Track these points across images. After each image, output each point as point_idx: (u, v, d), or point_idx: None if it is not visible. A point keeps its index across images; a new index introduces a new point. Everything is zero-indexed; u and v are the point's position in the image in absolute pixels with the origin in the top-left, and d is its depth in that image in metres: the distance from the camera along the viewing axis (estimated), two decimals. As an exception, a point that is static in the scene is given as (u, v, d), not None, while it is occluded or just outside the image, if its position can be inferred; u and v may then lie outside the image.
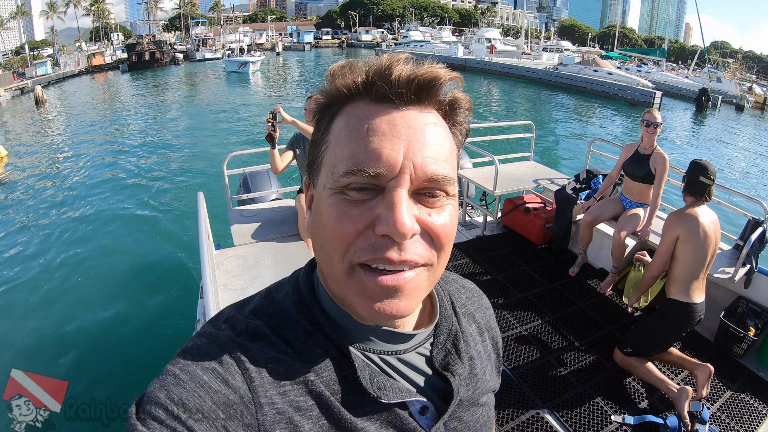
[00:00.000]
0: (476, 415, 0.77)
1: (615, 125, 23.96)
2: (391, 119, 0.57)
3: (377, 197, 0.57)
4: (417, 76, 0.58)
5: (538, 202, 5.60)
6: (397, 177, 0.56)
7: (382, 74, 0.58)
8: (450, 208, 0.61)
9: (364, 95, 0.60)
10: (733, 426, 3.00)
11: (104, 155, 15.12)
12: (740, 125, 29.32)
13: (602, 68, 35.31)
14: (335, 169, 0.58)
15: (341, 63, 0.63)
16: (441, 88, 0.61)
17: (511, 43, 59.18)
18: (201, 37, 64.53)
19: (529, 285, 4.51)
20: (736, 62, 57.98)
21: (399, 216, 0.54)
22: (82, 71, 45.98)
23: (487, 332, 0.89)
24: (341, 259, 0.58)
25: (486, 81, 39.71)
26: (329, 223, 0.58)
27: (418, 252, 0.58)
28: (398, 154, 0.56)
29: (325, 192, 0.59)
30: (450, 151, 0.62)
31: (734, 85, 38.37)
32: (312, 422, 0.60)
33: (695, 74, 47.38)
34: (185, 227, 8.92)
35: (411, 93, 0.58)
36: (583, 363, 3.49)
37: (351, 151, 0.57)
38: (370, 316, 0.59)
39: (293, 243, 4.02)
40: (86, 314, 6.14)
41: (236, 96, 28.18)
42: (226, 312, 0.70)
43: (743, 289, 3.92)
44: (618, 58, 51.38)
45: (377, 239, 0.56)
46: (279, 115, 3.77)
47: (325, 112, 0.64)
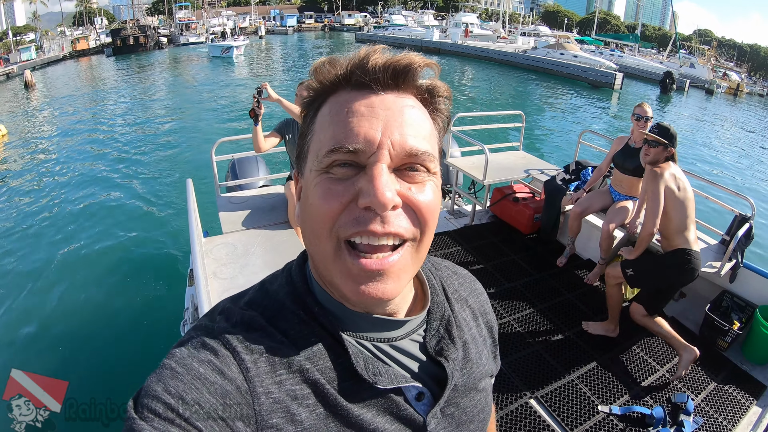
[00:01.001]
0: (474, 400, 0.78)
1: (575, 105, 25.56)
2: (369, 102, 0.61)
3: (359, 173, 0.59)
4: (392, 62, 0.61)
5: (527, 192, 5.62)
6: (375, 152, 0.58)
7: (360, 64, 0.62)
8: (431, 185, 0.64)
9: (344, 85, 0.64)
10: (716, 417, 3.05)
11: (91, 142, 14.94)
12: (706, 106, 32.69)
13: (568, 51, 37.64)
14: (319, 152, 0.61)
15: (323, 59, 0.66)
16: (417, 74, 0.63)
17: (489, 27, 60.34)
18: (184, 21, 63.36)
19: (517, 274, 4.53)
20: (711, 49, 60.98)
21: (379, 186, 0.56)
22: (66, 56, 45.39)
23: (481, 317, 0.90)
24: (328, 235, 0.60)
25: (460, 64, 40.94)
26: (315, 202, 0.60)
27: (401, 225, 0.60)
28: (376, 132, 0.59)
29: (312, 175, 0.62)
30: (430, 132, 0.65)
31: (707, 71, 41.31)
32: (309, 410, 0.60)
33: (669, 60, 49.31)
34: (172, 215, 8.85)
35: (388, 78, 0.62)
36: (571, 353, 3.51)
37: (333, 133, 0.60)
38: (358, 299, 0.61)
39: (283, 231, 3.99)
40: (79, 308, 6.08)
41: (221, 81, 27.84)
42: (222, 305, 0.71)
43: (728, 284, 3.97)
44: (592, 42, 53.10)
45: (360, 212, 0.58)
46: (265, 91, 3.73)
47: (310, 105, 0.67)
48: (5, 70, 33.55)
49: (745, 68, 63.77)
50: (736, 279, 3.94)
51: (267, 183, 5.22)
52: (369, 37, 57.35)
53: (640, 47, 55.82)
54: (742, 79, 47.52)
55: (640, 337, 3.75)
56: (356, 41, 55.82)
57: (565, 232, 4.96)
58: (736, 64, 66.62)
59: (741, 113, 32.05)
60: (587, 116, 22.53)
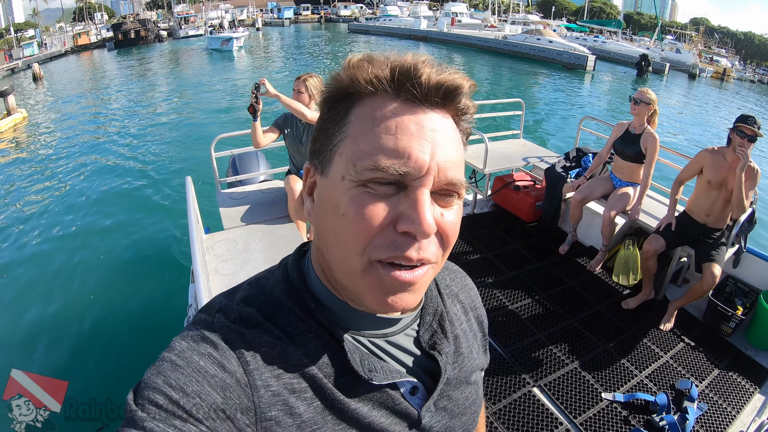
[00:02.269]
0: (466, 393, 0.81)
1: (553, 85, 27.47)
2: (419, 120, 0.59)
3: (400, 194, 0.58)
4: (445, 82, 0.60)
5: (528, 180, 5.60)
6: (422, 177, 0.57)
7: (410, 75, 0.59)
8: (457, 207, 0.64)
9: (390, 92, 0.60)
10: (720, 403, 3.05)
11: (92, 134, 14.98)
12: (681, 89, 34.85)
13: (545, 37, 39.23)
14: (358, 162, 0.58)
15: (359, 55, 0.64)
16: (462, 96, 0.62)
17: (478, 16, 62.38)
18: (183, 15, 63.69)
19: (519, 263, 4.52)
20: (698, 35, 64.59)
21: (424, 215, 0.56)
22: (68, 51, 45.54)
23: (471, 312, 0.92)
24: (360, 253, 0.59)
25: (446, 51, 42.86)
26: (350, 216, 0.58)
27: (432, 251, 0.60)
28: (426, 155, 0.57)
29: (344, 183, 0.59)
30: (463, 156, 0.65)
31: (693, 56, 43.65)
32: (306, 404, 0.61)
33: (655, 45, 50.96)
34: (173, 211, 8.79)
35: (438, 97, 0.60)
36: (573, 341, 3.52)
37: (378, 146, 0.57)
38: (381, 308, 0.62)
39: (283, 225, 3.99)
40: (81, 307, 6.05)
41: (222, 74, 27.74)
42: (218, 301, 0.70)
43: (732, 269, 3.97)
44: (577, 29, 55.94)
45: (398, 237, 0.58)
46: (263, 87, 3.70)
47: (341, 101, 0.63)
48: (10, 65, 34.06)
49: (731, 53, 66.17)
50: (740, 264, 3.93)
51: (267, 178, 5.21)
52: (361, 27, 60.38)
53: (633, 34, 59.63)
54: (733, 64, 50.37)
55: (642, 324, 3.75)
56: (349, 31, 58.54)
57: (566, 219, 4.95)
58: (729, 51, 68.63)
59: (716, 95, 34.26)
60: (562, 95, 24.12)
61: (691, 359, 3.41)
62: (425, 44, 47.15)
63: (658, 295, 4.08)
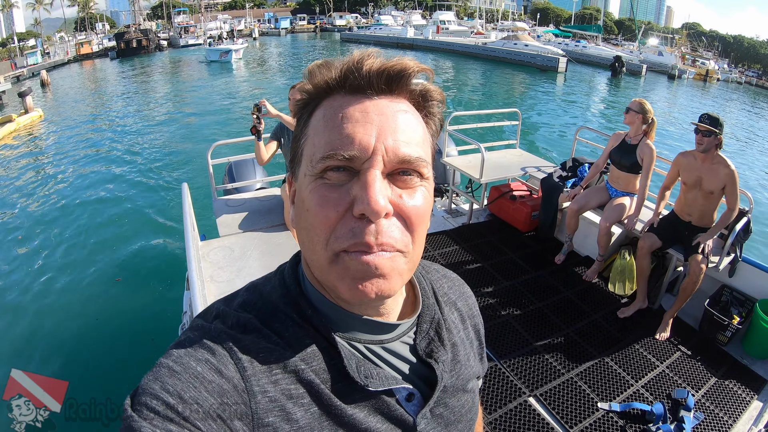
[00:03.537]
0: (462, 401, 0.80)
1: (528, 87, 29.37)
2: (363, 107, 0.61)
3: (353, 180, 0.59)
4: (387, 67, 0.62)
5: (524, 189, 5.61)
6: (370, 158, 0.58)
7: (354, 68, 0.62)
8: (422, 190, 0.64)
9: (339, 89, 0.63)
10: (717, 412, 3.04)
11: (93, 133, 15.97)
12: (658, 89, 36.65)
13: (521, 41, 42.56)
14: (313, 156, 0.61)
15: (318, 62, 0.69)
16: (410, 79, 0.64)
17: (466, 24, 65.59)
18: (183, 25, 64.98)
19: (515, 273, 4.52)
20: (680, 38, 67.75)
21: (372, 194, 0.57)
22: (71, 60, 46.19)
23: (469, 320, 0.92)
24: (324, 245, 0.60)
25: (431, 57, 45.30)
26: (312, 208, 0.60)
27: (394, 236, 0.60)
28: (370, 138, 0.59)
29: (306, 179, 0.62)
30: (423, 137, 0.65)
31: (674, 58, 45.87)
32: (303, 409, 0.61)
33: (638, 49, 53.38)
34: (170, 218, 8.82)
35: (382, 83, 0.62)
36: (569, 351, 3.51)
37: (327, 139, 0.60)
38: (354, 296, 0.61)
39: (279, 233, 3.99)
40: (79, 309, 6.09)
41: (221, 85, 27.91)
42: (216, 307, 0.71)
43: (728, 278, 3.96)
44: (560, 34, 58.46)
45: (356, 223, 0.58)
46: (264, 108, 3.76)
47: (304, 108, 0.67)
48: (16, 73, 34.83)
49: (716, 56, 68.26)
50: (736, 273, 3.93)
51: (263, 185, 5.22)
52: (353, 36, 62.58)
53: (625, 40, 63.48)
54: (720, 67, 52.80)
55: (639, 333, 3.75)
56: (342, 41, 60.23)
57: (562, 229, 4.95)
58: (715, 54, 70.81)
59: (689, 95, 35.89)
60: (538, 94, 25.66)
61: (688, 368, 3.41)
62: (412, 51, 49.02)
63: (654, 305, 4.08)
